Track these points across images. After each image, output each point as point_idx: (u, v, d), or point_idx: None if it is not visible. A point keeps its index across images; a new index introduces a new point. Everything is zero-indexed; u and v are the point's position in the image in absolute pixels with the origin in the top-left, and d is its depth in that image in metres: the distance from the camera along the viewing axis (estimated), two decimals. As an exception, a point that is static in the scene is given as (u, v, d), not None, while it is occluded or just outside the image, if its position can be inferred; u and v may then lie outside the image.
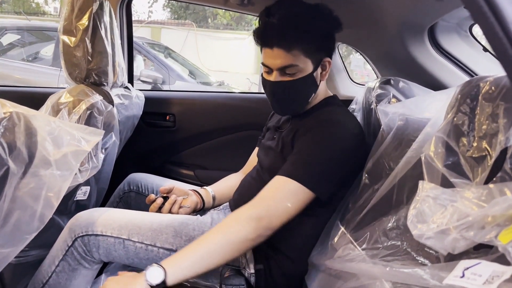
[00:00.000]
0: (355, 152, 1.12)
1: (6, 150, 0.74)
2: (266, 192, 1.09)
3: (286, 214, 1.06)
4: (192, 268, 0.97)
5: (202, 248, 0.99)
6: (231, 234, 1.02)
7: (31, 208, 0.88)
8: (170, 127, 1.92)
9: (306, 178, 1.07)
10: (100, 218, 1.14)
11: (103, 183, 1.51)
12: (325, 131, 1.13)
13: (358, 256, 0.89)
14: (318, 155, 1.10)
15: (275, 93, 1.20)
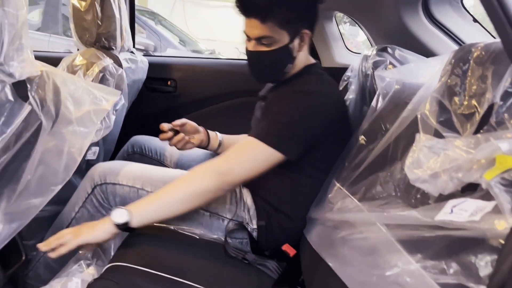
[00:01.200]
0: (325, 117, 1.18)
1: (39, 106, 0.80)
2: (233, 150, 1.17)
3: (249, 172, 1.14)
4: (156, 213, 1.08)
5: (166, 196, 1.09)
6: (193, 185, 1.10)
7: (56, 162, 0.95)
8: (171, 92, 1.97)
9: (271, 139, 1.14)
10: (117, 169, 1.24)
11: (110, 144, 1.57)
12: (295, 96, 1.20)
13: (355, 207, 0.99)
14: (284, 118, 1.17)
15: (252, 61, 1.27)
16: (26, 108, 0.72)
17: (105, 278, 0.97)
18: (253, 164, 1.14)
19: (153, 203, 1.08)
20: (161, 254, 1.13)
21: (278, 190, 1.28)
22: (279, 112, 1.18)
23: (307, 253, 1.15)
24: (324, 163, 1.27)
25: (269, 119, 1.19)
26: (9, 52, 0.69)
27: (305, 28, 1.22)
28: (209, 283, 1.04)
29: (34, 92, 0.78)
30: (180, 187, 1.10)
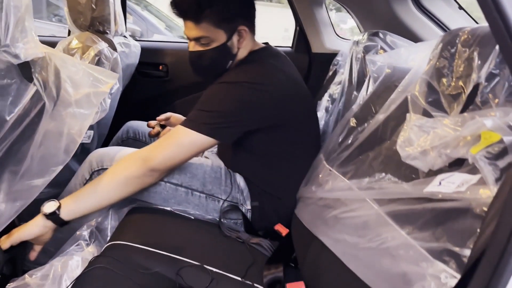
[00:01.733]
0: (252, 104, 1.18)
1: (42, 87, 0.82)
2: (163, 138, 1.20)
3: (174, 157, 1.17)
4: (86, 203, 1.11)
5: (94, 186, 1.12)
6: (119, 172, 1.13)
7: (57, 144, 0.97)
8: (163, 77, 1.98)
9: (195, 125, 1.16)
10: (114, 154, 1.26)
11: (104, 128, 1.59)
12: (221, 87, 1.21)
13: (345, 186, 1.03)
14: (207, 107, 1.19)
15: (192, 61, 1.29)
16: (32, 89, 0.74)
17: (105, 256, 1.00)
18: (178, 150, 1.17)
19: (83, 194, 1.11)
20: (158, 233, 1.16)
21: (265, 174, 1.33)
22: (202, 101, 1.21)
23: (299, 231, 1.20)
24: (296, 145, 1.31)
25: (195, 107, 1.21)
26: (15, 34, 0.71)
27: (242, 24, 1.24)
28: (205, 260, 1.08)
29: (37, 74, 0.80)
30: (105, 175, 1.13)
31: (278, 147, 1.29)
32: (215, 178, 1.32)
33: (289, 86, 1.26)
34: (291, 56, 1.87)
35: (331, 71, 1.68)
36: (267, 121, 1.22)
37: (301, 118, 1.30)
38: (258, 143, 1.28)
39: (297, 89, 1.30)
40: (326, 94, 1.61)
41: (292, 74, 1.31)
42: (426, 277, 0.59)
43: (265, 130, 1.24)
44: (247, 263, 1.14)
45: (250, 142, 1.27)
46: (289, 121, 1.26)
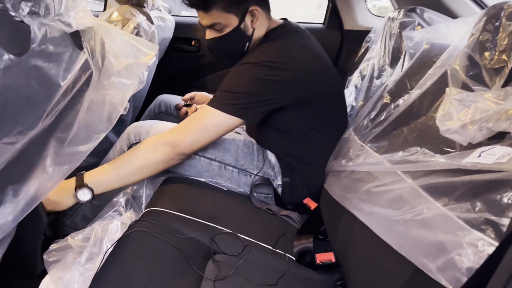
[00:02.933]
0: (274, 83, 1.18)
1: (90, 56, 0.85)
2: (188, 120, 1.21)
3: (201, 140, 1.19)
4: (112, 184, 1.15)
5: (120, 168, 1.15)
6: (146, 157, 1.16)
7: (101, 112, 1.01)
8: (195, 52, 2.01)
9: (221, 105, 1.17)
10: (151, 128, 1.31)
11: (138, 101, 1.63)
12: (243, 68, 1.22)
13: (378, 160, 1.04)
14: (232, 87, 1.20)
15: (210, 49, 1.31)
16: (82, 57, 0.78)
17: (144, 220, 1.05)
18: (205, 132, 1.19)
19: (109, 175, 1.15)
20: (192, 202, 1.20)
21: (293, 151, 1.35)
22: (226, 82, 1.22)
23: (328, 205, 1.22)
24: (323, 121, 1.32)
25: (220, 88, 1.23)
26: (68, 4, 0.74)
27: (253, 5, 1.23)
28: (238, 228, 1.12)
29: (86, 43, 0.83)
30: (133, 160, 1.16)
31: (305, 124, 1.30)
32: (247, 154, 1.35)
33: (312, 61, 1.26)
34: (323, 33, 1.87)
35: (363, 48, 1.67)
36: (291, 99, 1.23)
37: (327, 93, 1.31)
38: (284, 120, 1.30)
39: (320, 64, 1.30)
40: (356, 70, 1.60)
41: (314, 49, 1.31)
42: (462, 245, 0.60)
43: (291, 108, 1.25)
44: (277, 233, 1.17)
45: (277, 120, 1.29)
46: (314, 98, 1.27)
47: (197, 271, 0.94)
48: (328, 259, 1.08)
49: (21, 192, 0.83)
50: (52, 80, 0.70)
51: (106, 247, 1.05)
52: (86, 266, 1.04)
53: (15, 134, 0.68)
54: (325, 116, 1.32)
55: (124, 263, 0.89)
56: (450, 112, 0.71)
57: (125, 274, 0.86)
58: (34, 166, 0.86)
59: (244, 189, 1.35)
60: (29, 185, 0.85)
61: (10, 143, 0.68)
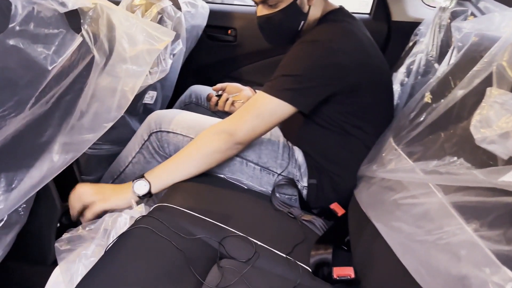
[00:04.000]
0: (334, 66, 1.09)
1: (92, 40, 0.79)
2: (241, 108, 1.15)
3: (257, 129, 1.13)
4: (171, 178, 1.13)
5: (178, 161, 1.13)
6: (203, 147, 1.13)
7: (110, 101, 0.96)
8: (231, 42, 1.94)
9: (277, 91, 1.09)
10: (173, 117, 1.26)
11: (168, 90, 1.59)
12: (299, 47, 1.13)
13: (409, 168, 0.92)
14: (289, 70, 1.11)
15: (261, 27, 1.21)
16: (78, 39, 0.72)
17: (150, 216, 1.00)
18: (261, 120, 1.12)
19: (167, 169, 1.13)
20: (207, 199, 1.13)
21: (327, 148, 1.24)
22: (284, 65, 1.14)
23: (355, 213, 1.11)
24: (364, 117, 1.21)
25: (276, 73, 1.14)
26: (63, -20, 0.68)
27: None
28: (251, 232, 1.04)
29: (87, 25, 0.77)
30: (190, 151, 1.13)
31: (348, 118, 1.20)
32: (271, 151, 1.26)
33: (367, 50, 1.16)
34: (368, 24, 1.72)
35: (411, 42, 1.51)
36: (344, 86, 1.14)
37: (375, 87, 1.19)
38: (326, 111, 1.20)
39: (374, 55, 1.19)
40: (403, 66, 1.45)
41: (369, 39, 1.21)
42: (488, 285, 0.48)
43: (339, 97, 1.16)
44: (295, 240, 1.08)
45: (324, 111, 1.19)
46: (366, 89, 1.16)
47: (197, 276, 0.87)
48: (346, 274, 0.97)
49: (15, 180, 0.80)
50: (38, 63, 0.65)
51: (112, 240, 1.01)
52: (91, 259, 1.01)
53: (-5, 119, 0.63)
54: (370, 112, 1.21)
55: (118, 262, 0.84)
56: (488, 117, 0.58)
57: (116, 275, 0.81)
58: (32, 154, 0.83)
59: (266, 188, 1.26)
60: (25, 172, 0.82)
61: (-10, 129, 0.64)
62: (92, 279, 0.80)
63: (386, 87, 1.26)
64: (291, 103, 1.10)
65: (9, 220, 0.96)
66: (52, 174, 0.87)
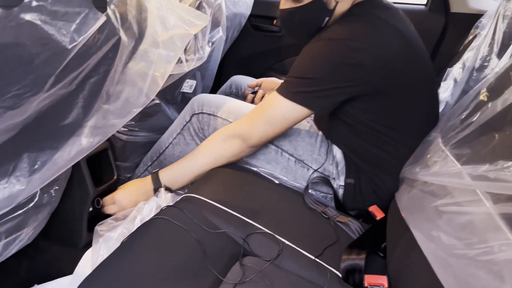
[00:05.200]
0: (355, 65, 1.00)
1: (118, 21, 0.77)
2: (255, 110, 1.13)
3: (270, 132, 1.10)
4: (185, 177, 1.16)
5: (192, 161, 1.15)
6: (216, 150, 1.14)
7: (139, 86, 0.94)
8: (275, 32, 1.88)
9: (289, 93, 1.04)
10: (215, 101, 1.26)
11: (208, 80, 1.56)
12: (315, 46, 1.05)
13: (456, 172, 0.82)
14: (303, 70, 1.05)
15: (283, 20, 1.14)
16: (101, 19, 0.70)
17: (175, 206, 0.97)
18: (274, 124, 1.09)
19: (182, 172, 1.16)
20: (236, 192, 1.09)
21: (366, 149, 1.15)
22: (298, 65, 1.07)
23: (394, 218, 1.02)
24: (405, 116, 1.11)
25: (290, 72, 1.08)
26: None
27: None
28: (279, 229, 0.98)
29: (113, 5, 0.75)
30: (204, 153, 1.15)
31: (379, 119, 1.10)
32: (308, 144, 1.20)
33: (399, 45, 1.04)
34: (423, 16, 1.61)
35: (471, 35, 1.38)
36: (369, 88, 1.04)
37: (414, 84, 1.08)
38: (355, 113, 1.11)
39: (409, 50, 1.07)
40: (459, 62, 1.33)
41: (405, 31, 1.08)
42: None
43: (365, 98, 1.06)
44: (326, 242, 1.01)
45: (346, 111, 1.11)
46: (398, 88, 1.05)
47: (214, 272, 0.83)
48: (379, 284, 0.89)
49: (38, 162, 0.79)
50: (56, 41, 0.63)
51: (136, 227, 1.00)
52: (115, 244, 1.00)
53: (10, 97, 0.62)
54: (406, 113, 1.10)
55: (133, 254, 0.82)
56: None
57: (129, 267, 0.78)
58: (56, 136, 0.82)
59: (300, 183, 1.20)
60: (49, 154, 0.81)
61: (7, 107, 0.63)
62: (104, 270, 0.78)
63: (424, 85, 1.14)
64: (305, 106, 1.05)
65: (40, 201, 0.97)
66: (78, 157, 0.86)
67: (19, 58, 0.59)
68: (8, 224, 0.90)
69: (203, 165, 1.15)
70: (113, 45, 0.78)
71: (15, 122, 0.70)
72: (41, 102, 0.71)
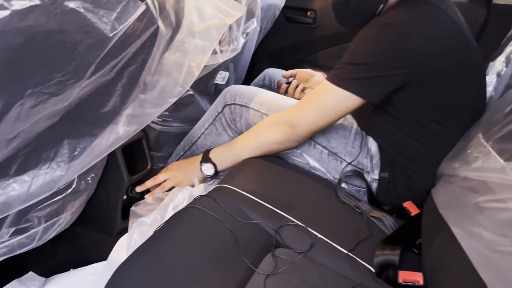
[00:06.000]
0: (409, 52, 0.98)
1: (157, 9, 0.78)
2: (306, 98, 1.11)
3: (319, 122, 1.08)
4: (231, 160, 1.17)
5: (239, 146, 1.16)
6: (263, 137, 1.13)
7: (175, 76, 0.95)
8: (309, 24, 1.86)
9: (341, 81, 1.02)
10: (247, 92, 1.26)
11: (241, 72, 1.56)
12: (370, 32, 1.02)
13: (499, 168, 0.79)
14: (356, 56, 1.02)
15: (336, 9, 1.14)
16: (141, 8, 0.71)
17: (209, 196, 0.98)
18: (324, 113, 1.06)
19: (229, 152, 1.17)
20: (269, 183, 1.09)
21: (403, 142, 1.13)
22: (351, 51, 1.04)
23: (430, 214, 1.00)
24: (448, 109, 1.07)
25: (342, 59, 1.05)
26: None
27: None
28: (312, 222, 0.98)
29: (152, -6, 0.76)
30: (251, 138, 1.15)
31: (423, 110, 1.07)
32: (342, 136, 1.18)
33: (454, 34, 1.02)
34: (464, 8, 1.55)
35: (516, 27, 1.33)
36: (422, 75, 1.02)
37: (459, 79, 1.05)
38: (405, 104, 1.09)
39: (463, 40, 1.05)
40: (502, 55, 1.28)
41: (459, 22, 1.06)
42: None
43: (411, 87, 1.04)
44: (359, 236, 0.99)
45: (396, 102, 1.09)
46: (449, 79, 1.03)
47: (247, 262, 0.83)
48: (414, 280, 0.87)
49: (77, 148, 0.81)
50: (98, 29, 0.64)
51: (169, 215, 1.01)
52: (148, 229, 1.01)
53: (54, 84, 0.64)
54: (452, 106, 1.07)
55: (166, 242, 0.83)
56: None
57: (162, 255, 0.79)
58: (95, 123, 0.84)
59: (333, 176, 1.19)
60: (88, 141, 0.83)
61: (51, 93, 0.64)
62: (139, 257, 0.79)
63: (474, 78, 1.11)
64: (357, 94, 1.02)
65: (78, 188, 0.99)
66: (115, 145, 0.87)
67: (63, 45, 0.61)
68: (48, 209, 0.93)
69: (249, 150, 1.15)
70: (151, 34, 0.79)
71: (58, 109, 0.72)
72: (82, 89, 0.72)
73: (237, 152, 1.16)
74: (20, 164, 0.74)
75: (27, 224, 0.89)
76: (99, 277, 1.11)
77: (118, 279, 0.76)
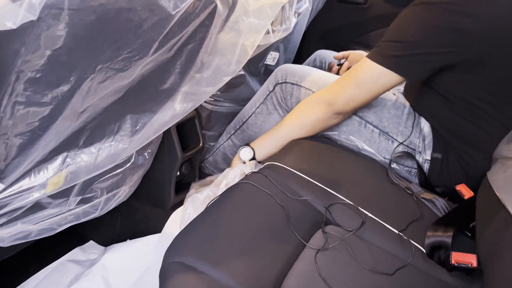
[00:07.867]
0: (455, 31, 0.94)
1: (215, -12, 0.79)
2: (345, 75, 1.10)
3: (358, 98, 1.07)
4: (274, 144, 1.17)
5: (280, 129, 1.16)
6: (303, 116, 1.14)
7: (230, 54, 0.97)
8: (361, 4, 1.82)
9: (381, 58, 1.00)
10: (299, 71, 1.26)
11: (291, 53, 1.57)
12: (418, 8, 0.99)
13: None
14: (398, 34, 1.00)
15: None
16: (201, -14, 0.73)
17: (259, 173, 1.00)
18: (362, 89, 1.06)
19: (271, 136, 1.18)
20: (318, 162, 1.10)
21: (457, 123, 1.10)
22: (394, 28, 1.02)
23: (485, 197, 0.97)
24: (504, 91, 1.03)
25: (384, 37, 1.03)
26: None
27: None
28: (361, 201, 0.98)
29: (211, -27, 0.78)
30: (292, 120, 1.16)
31: (476, 92, 1.03)
32: (394, 116, 1.16)
33: (505, 10, 0.96)
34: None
35: None
36: (468, 56, 0.98)
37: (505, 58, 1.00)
38: (455, 84, 1.05)
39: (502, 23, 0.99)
40: None
41: None
42: None
43: (462, 68, 1.01)
44: (410, 217, 0.99)
45: (440, 81, 1.06)
46: (500, 59, 0.98)
47: (298, 237, 0.85)
48: (467, 262, 0.86)
49: (139, 123, 0.86)
50: (162, 7, 0.67)
51: (221, 191, 1.05)
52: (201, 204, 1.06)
53: (121, 60, 0.67)
54: (506, 88, 1.03)
55: (222, 212, 0.86)
56: None
57: (218, 225, 0.83)
58: (155, 99, 0.88)
59: (384, 156, 1.17)
60: (148, 117, 0.87)
61: (118, 69, 0.68)
62: (193, 229, 0.83)
63: None
64: (396, 71, 1.00)
65: (136, 162, 1.05)
66: (172, 121, 0.91)
67: (130, 23, 0.64)
68: (110, 181, 0.99)
69: (292, 130, 1.15)
70: (209, 13, 0.81)
71: (122, 85, 0.76)
72: (145, 66, 0.76)
73: (280, 134, 1.17)
74: (87, 136, 0.79)
75: (91, 194, 0.96)
76: (154, 248, 1.18)
77: (176, 249, 0.80)
